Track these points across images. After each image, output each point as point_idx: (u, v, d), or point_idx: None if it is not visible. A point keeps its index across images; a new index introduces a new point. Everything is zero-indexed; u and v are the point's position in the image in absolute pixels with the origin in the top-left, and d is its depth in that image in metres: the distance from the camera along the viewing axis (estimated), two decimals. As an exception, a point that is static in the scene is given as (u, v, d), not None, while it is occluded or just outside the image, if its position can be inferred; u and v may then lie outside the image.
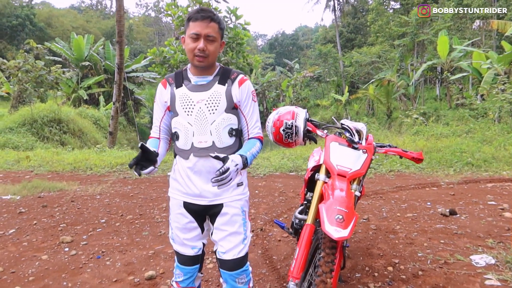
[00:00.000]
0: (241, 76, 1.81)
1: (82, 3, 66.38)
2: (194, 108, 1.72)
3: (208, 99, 1.71)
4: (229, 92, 1.74)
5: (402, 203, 4.74)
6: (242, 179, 1.85)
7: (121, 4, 11.40)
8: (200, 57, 1.68)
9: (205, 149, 1.73)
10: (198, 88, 1.75)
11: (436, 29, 19.13)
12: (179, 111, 1.75)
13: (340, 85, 31.42)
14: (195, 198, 1.79)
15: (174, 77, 1.83)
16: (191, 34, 1.69)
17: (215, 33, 1.70)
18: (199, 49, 1.67)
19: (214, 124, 1.72)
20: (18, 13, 39.19)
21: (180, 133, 1.77)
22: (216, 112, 1.71)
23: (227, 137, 1.75)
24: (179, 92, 1.77)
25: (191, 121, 1.73)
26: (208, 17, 1.69)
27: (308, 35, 62.94)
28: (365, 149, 2.16)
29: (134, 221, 4.30)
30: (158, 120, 1.88)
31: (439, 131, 9.63)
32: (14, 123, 13.99)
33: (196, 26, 1.68)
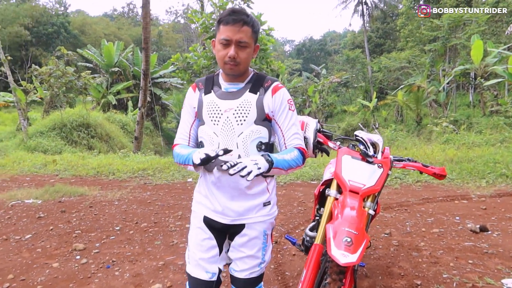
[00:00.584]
0: (275, 84, 1.64)
1: (115, 11, 68.53)
2: (221, 118, 1.58)
3: (237, 108, 1.57)
4: (260, 101, 1.59)
5: (428, 217, 4.46)
6: (270, 198, 1.69)
7: (147, 11, 11.57)
8: (231, 65, 1.55)
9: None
10: (228, 95, 1.61)
11: (470, 33, 18.41)
12: (205, 120, 1.62)
13: (368, 91, 30.83)
14: (217, 214, 1.65)
15: (204, 82, 1.70)
16: (221, 40, 1.54)
17: (247, 38, 1.55)
18: (229, 56, 1.53)
19: (241, 136, 1.57)
20: (54, 21, 40.78)
21: (205, 143, 1.64)
22: (245, 123, 1.57)
23: (255, 151, 1.59)
24: (207, 99, 1.64)
25: (217, 131, 1.59)
26: (241, 21, 1.53)
27: (336, 41, 62.26)
28: (380, 164, 1.98)
29: (148, 229, 4.24)
30: (188, 126, 1.72)
31: (471, 140, 9.15)
32: (45, 127, 14.44)
33: (227, 30, 1.53)
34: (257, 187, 1.64)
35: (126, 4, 72.47)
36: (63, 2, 48.91)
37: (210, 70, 9.08)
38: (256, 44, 1.67)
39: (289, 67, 43.01)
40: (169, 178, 7.43)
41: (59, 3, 48.48)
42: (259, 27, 1.67)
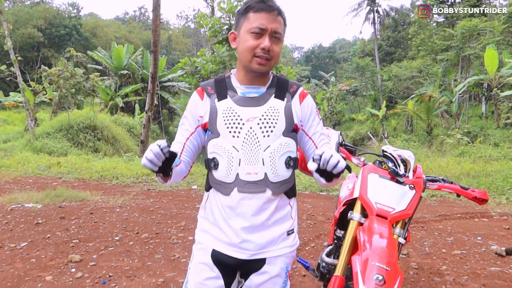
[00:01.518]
0: (301, 89, 1.43)
1: (126, 14, 69.07)
2: (243, 128, 1.32)
3: (262, 117, 1.32)
4: (289, 109, 1.36)
5: (448, 236, 4.17)
6: (294, 225, 1.44)
7: (157, 14, 11.43)
8: (263, 59, 1.30)
9: (254, 184, 1.32)
10: (249, 102, 1.35)
11: (484, 43, 18.08)
12: (221, 131, 1.34)
13: (377, 100, 30.49)
14: (232, 248, 1.35)
15: (214, 86, 1.41)
16: (254, 28, 1.29)
17: (282, 30, 1.34)
18: (263, 48, 1.28)
19: (268, 151, 1.32)
20: (66, 23, 41.09)
21: (221, 160, 1.35)
22: (272, 135, 1.32)
23: (283, 168, 1.34)
24: (223, 106, 1.36)
25: (238, 145, 1.32)
26: (276, 9, 1.31)
27: (346, 48, 62.05)
28: (412, 184, 1.72)
29: (148, 240, 4.01)
30: (185, 137, 1.43)
31: (487, 153, 8.81)
32: (52, 128, 14.34)
33: (261, 18, 1.29)
34: (281, 211, 1.38)
35: (138, 8, 73.03)
36: (76, 5, 49.42)
37: (218, 75, 8.89)
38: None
39: (298, 73, 42.88)
40: (174, 184, 7.20)
41: (72, 6, 48.97)
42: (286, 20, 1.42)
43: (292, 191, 1.42)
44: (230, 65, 8.90)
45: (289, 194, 1.40)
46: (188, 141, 1.44)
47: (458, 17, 23.94)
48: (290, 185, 1.40)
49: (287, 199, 1.40)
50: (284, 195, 1.38)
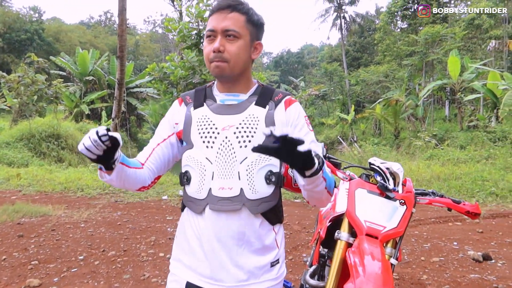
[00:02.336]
0: (288, 97, 1.26)
1: (92, 19, 67.16)
2: (218, 138, 1.17)
3: (240, 125, 1.17)
4: (270, 117, 1.19)
5: (425, 242, 4.15)
6: (279, 254, 1.25)
7: (123, 18, 11.07)
8: (217, 62, 1.16)
9: (229, 200, 1.15)
10: (226, 109, 1.21)
11: (446, 49, 18.74)
12: (195, 141, 1.19)
13: (346, 104, 31.02)
14: (207, 280, 1.18)
15: (193, 95, 1.28)
16: (206, 32, 1.19)
17: (237, 27, 1.17)
18: (213, 50, 1.15)
19: (245, 163, 1.16)
20: (27, 27, 39.45)
21: (193, 173, 1.20)
22: (250, 145, 1.15)
23: (262, 184, 1.16)
24: (198, 114, 1.22)
25: (211, 157, 1.17)
26: (228, 7, 1.17)
27: (314, 54, 63.00)
28: (403, 199, 1.61)
29: (116, 258, 3.74)
30: (155, 143, 1.29)
31: (455, 156, 9.02)
32: (12, 138, 13.57)
33: (212, 19, 1.18)
34: (263, 238, 1.20)
35: (103, 13, 71.20)
36: (38, 8, 47.58)
37: (188, 80, 8.63)
38: (258, 40, 1.26)
39: (268, 79, 43.00)
40: (143, 195, 6.90)
41: (33, 10, 47.14)
42: (261, 20, 1.26)
43: (274, 214, 1.22)
44: (200, 70, 8.69)
45: (271, 218, 1.21)
46: (158, 148, 1.28)
47: (421, 24, 24.77)
48: (272, 205, 1.20)
49: (269, 225, 1.21)
50: (265, 219, 1.20)
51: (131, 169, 1.18)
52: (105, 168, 1.10)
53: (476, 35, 21.79)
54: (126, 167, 1.16)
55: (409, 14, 26.43)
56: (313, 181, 1.04)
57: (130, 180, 1.19)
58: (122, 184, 1.18)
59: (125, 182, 1.18)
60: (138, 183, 1.23)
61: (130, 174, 1.18)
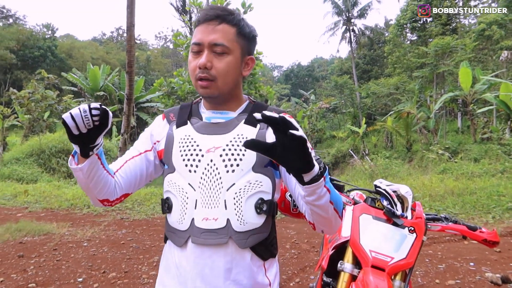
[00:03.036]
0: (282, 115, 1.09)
1: (104, 35, 68.47)
2: (202, 161, 1.04)
3: (227, 147, 1.04)
4: (262, 137, 1.06)
5: (439, 263, 3.94)
6: (274, 280, 1.10)
7: (131, 34, 11.15)
8: (203, 80, 1.04)
9: (214, 232, 1.02)
10: (212, 128, 1.08)
11: (457, 60, 18.52)
12: (176, 164, 1.07)
13: (357, 117, 30.82)
14: None
15: (177, 112, 1.16)
16: (192, 46, 1.06)
17: (226, 40, 1.04)
18: (199, 66, 1.03)
19: (232, 191, 1.02)
20: (41, 44, 40.34)
21: (174, 201, 1.07)
22: (238, 169, 1.03)
23: (252, 214, 1.03)
24: (181, 134, 1.09)
25: (195, 183, 1.03)
26: (216, 17, 1.05)
27: (324, 67, 63.06)
28: (412, 226, 1.46)
29: (116, 281, 3.61)
30: (130, 155, 1.16)
31: (469, 170, 8.75)
32: (22, 154, 13.71)
33: (198, 31, 1.06)
34: (254, 275, 1.05)
35: (115, 29, 72.65)
36: (51, 26, 48.74)
37: (195, 96, 8.61)
38: (250, 55, 1.13)
39: (278, 92, 43.14)
40: (149, 212, 6.81)
41: (46, 27, 48.29)
42: (254, 32, 1.13)
43: (266, 248, 1.07)
44: (207, 85, 8.67)
45: (261, 252, 1.06)
46: (131, 161, 1.14)
47: (431, 35, 24.61)
48: (262, 237, 1.05)
49: (259, 261, 1.06)
50: (255, 254, 1.05)
51: (104, 170, 1.05)
52: (80, 153, 0.98)
53: (487, 46, 21.54)
54: (100, 164, 1.03)
55: (418, 26, 26.33)
56: (314, 191, 0.90)
57: (98, 182, 1.05)
58: (89, 182, 1.03)
59: (93, 182, 1.03)
60: (104, 191, 1.08)
61: (101, 175, 1.04)
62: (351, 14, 34.18)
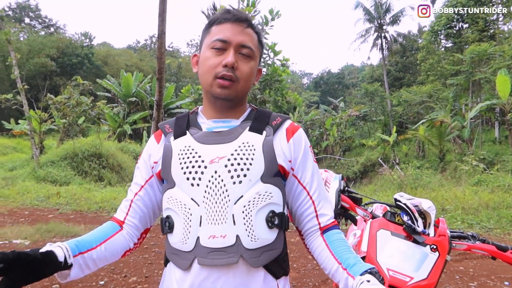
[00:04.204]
0: (289, 122, 1.08)
1: (138, 43, 70.52)
2: (205, 173, 0.96)
3: (232, 156, 0.97)
4: (269, 145, 0.99)
5: (471, 280, 3.73)
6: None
7: (162, 42, 11.35)
8: (226, 80, 0.98)
9: (222, 252, 0.94)
10: (214, 137, 1.01)
11: (495, 68, 17.78)
12: (176, 178, 0.99)
13: (388, 125, 30.17)
14: None
15: (173, 124, 1.09)
16: (214, 42, 1.00)
17: (253, 45, 1.02)
18: (226, 64, 0.97)
19: (240, 204, 0.95)
20: (79, 52, 42.05)
21: (176, 218, 0.99)
22: (246, 180, 0.95)
23: (264, 228, 0.96)
24: (179, 145, 1.02)
25: (198, 198, 0.96)
26: (245, 20, 1.02)
27: (354, 74, 62.23)
28: (434, 245, 1.35)
29: (136, 285, 3.64)
30: (133, 193, 1.09)
31: (506, 182, 8.30)
32: (57, 157, 14.23)
33: (224, 29, 1.01)
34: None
35: (149, 37, 74.63)
36: (89, 34, 50.69)
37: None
38: (259, 67, 1.11)
39: (307, 99, 42.98)
40: (174, 217, 6.87)
41: (84, 36, 50.27)
42: (263, 43, 1.11)
43: (279, 265, 1.00)
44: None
45: (274, 270, 0.99)
46: (137, 198, 1.08)
47: (467, 42, 23.80)
48: (276, 254, 0.98)
49: (273, 280, 0.99)
50: (267, 272, 0.97)
51: (98, 247, 0.98)
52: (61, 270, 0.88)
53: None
54: (87, 252, 0.95)
55: (454, 32, 25.53)
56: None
57: (105, 259, 1.00)
58: (97, 267, 0.98)
59: (101, 263, 0.98)
60: (118, 253, 1.04)
61: (101, 254, 0.98)
62: (383, 20, 33.62)
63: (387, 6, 32.43)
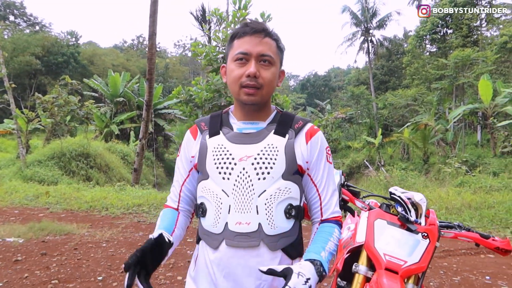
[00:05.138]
0: (310, 125, 1.22)
1: (125, 43, 69.91)
2: (235, 169, 1.14)
3: (258, 156, 1.13)
4: (290, 147, 1.16)
5: (454, 275, 3.92)
6: None
7: (153, 43, 11.46)
8: (251, 88, 1.13)
9: (246, 236, 1.12)
10: (244, 138, 1.17)
11: (478, 73, 18.30)
12: (210, 172, 1.16)
13: (373, 127, 30.61)
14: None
15: (208, 122, 1.26)
16: (237, 55, 1.14)
17: (272, 52, 1.16)
18: (249, 74, 1.12)
19: (263, 197, 1.12)
20: (64, 51, 41.48)
21: (208, 206, 1.17)
22: (269, 177, 1.12)
23: (282, 218, 1.13)
24: (213, 143, 1.19)
25: (228, 189, 1.13)
26: (262, 31, 1.15)
27: (341, 77, 62.92)
28: (425, 232, 1.51)
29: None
30: (179, 183, 1.28)
31: (488, 183, 8.62)
32: (44, 156, 14.09)
33: (244, 42, 1.14)
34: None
35: (136, 37, 74.07)
36: (75, 33, 50.06)
37: (212, 103, 8.76)
38: (282, 69, 1.25)
39: (294, 101, 43.22)
40: (166, 216, 6.93)
41: (70, 34, 49.61)
42: (284, 48, 1.25)
43: (294, 248, 1.17)
44: (225, 93, 8.81)
45: (290, 252, 1.16)
46: (184, 188, 1.29)
47: (451, 47, 24.39)
48: (291, 240, 1.16)
49: (288, 259, 1.16)
50: (285, 254, 1.15)
51: (175, 229, 1.23)
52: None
53: (509, 59, 21.21)
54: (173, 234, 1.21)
55: (438, 37, 26.14)
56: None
57: (180, 236, 1.26)
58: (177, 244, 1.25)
59: (179, 241, 1.26)
60: (184, 230, 1.30)
61: (178, 233, 1.24)
62: (369, 24, 34.13)
63: (374, 11, 32.92)
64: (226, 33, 8.51)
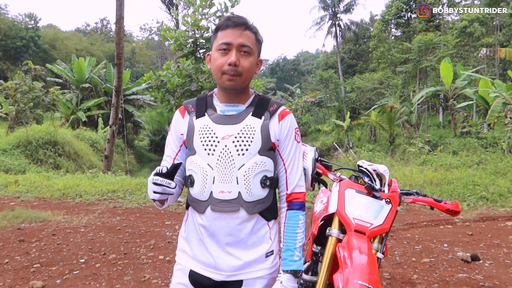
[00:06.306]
0: (282, 108, 1.41)
1: (88, 26, 67.29)
2: (218, 146, 1.31)
3: (238, 135, 1.31)
4: (266, 127, 1.34)
5: (416, 244, 4.28)
6: (273, 247, 1.39)
7: (121, 27, 11.23)
8: (231, 75, 1.30)
9: (228, 202, 1.31)
10: (226, 119, 1.35)
11: (439, 56, 19.06)
12: (197, 148, 1.34)
13: (342, 111, 31.32)
14: (208, 269, 1.35)
15: (195, 104, 1.42)
16: (220, 45, 1.31)
17: (251, 43, 1.33)
18: (230, 63, 1.29)
19: (242, 169, 1.31)
20: (23, 34, 39.54)
21: (196, 177, 1.35)
22: (247, 153, 1.31)
23: (258, 188, 1.33)
24: (200, 123, 1.36)
25: (212, 163, 1.32)
26: (242, 24, 1.32)
27: (310, 61, 63.52)
28: (388, 199, 1.74)
29: (116, 261, 3.84)
30: (171, 157, 1.45)
31: (448, 161, 9.19)
32: (8, 145, 13.62)
33: (227, 34, 1.31)
34: (258, 233, 1.36)
35: (100, 20, 71.37)
36: (34, 16, 47.61)
37: (184, 88, 8.76)
38: (260, 58, 1.42)
39: (264, 86, 43.31)
40: (141, 201, 7.00)
41: (29, 17, 47.15)
42: (263, 39, 1.42)
43: (269, 212, 1.38)
44: (196, 78, 8.82)
45: (266, 215, 1.37)
46: (176, 161, 1.44)
47: (415, 31, 25.16)
48: (266, 205, 1.36)
49: (264, 221, 1.37)
50: (261, 216, 1.36)
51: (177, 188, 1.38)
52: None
53: (469, 43, 22.18)
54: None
55: (403, 22, 26.84)
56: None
57: (174, 198, 1.42)
58: (173, 200, 1.42)
59: (171, 201, 1.41)
60: (177, 196, 1.46)
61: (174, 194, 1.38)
62: (337, 9, 34.54)
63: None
64: (195, 18, 8.48)
